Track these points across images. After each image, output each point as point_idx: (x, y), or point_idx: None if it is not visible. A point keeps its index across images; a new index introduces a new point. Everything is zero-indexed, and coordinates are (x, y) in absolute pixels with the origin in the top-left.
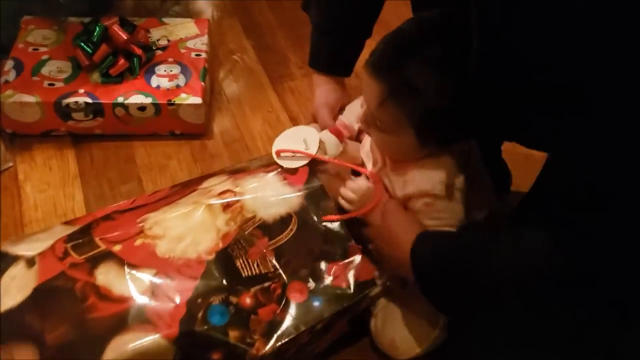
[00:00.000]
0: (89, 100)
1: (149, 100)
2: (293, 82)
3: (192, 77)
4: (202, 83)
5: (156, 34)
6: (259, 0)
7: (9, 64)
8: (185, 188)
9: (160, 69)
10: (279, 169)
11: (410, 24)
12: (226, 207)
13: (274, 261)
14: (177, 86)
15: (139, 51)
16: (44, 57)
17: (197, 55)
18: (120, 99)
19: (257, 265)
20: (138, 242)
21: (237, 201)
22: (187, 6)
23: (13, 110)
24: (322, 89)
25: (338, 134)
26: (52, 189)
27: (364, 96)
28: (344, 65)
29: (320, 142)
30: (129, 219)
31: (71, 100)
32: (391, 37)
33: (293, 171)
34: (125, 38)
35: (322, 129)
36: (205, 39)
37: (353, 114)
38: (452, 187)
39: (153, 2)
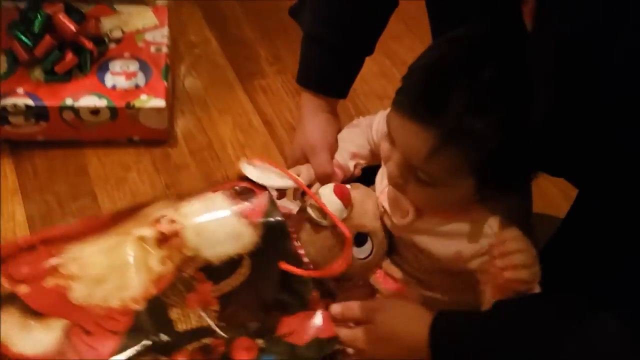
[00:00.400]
0: (31, 103)
1: (103, 102)
2: (264, 80)
3: (152, 75)
4: (165, 83)
5: (108, 24)
6: None
7: None
8: (121, 217)
9: (116, 66)
10: (231, 192)
11: (452, 48)
12: (162, 241)
13: (218, 311)
14: (137, 86)
15: (89, 45)
16: None
17: (157, 50)
18: (68, 101)
19: (197, 316)
20: (49, 282)
21: (176, 233)
22: None
23: None
24: (316, 121)
25: (344, 196)
26: None
27: (401, 146)
28: (340, 83)
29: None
30: (47, 253)
31: (8, 102)
32: (429, 67)
33: (248, 195)
34: (74, 29)
35: (320, 179)
36: (165, 30)
37: (346, 147)
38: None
39: None
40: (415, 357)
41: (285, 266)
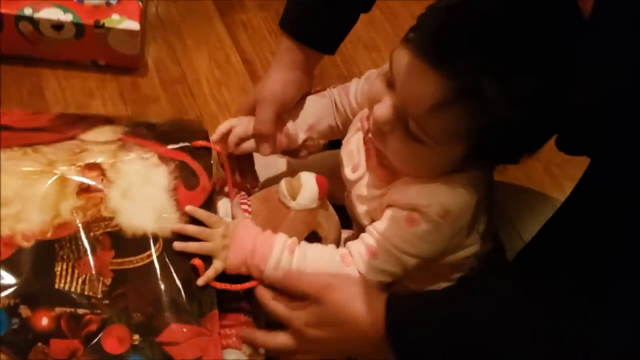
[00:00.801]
0: None
1: (68, 17)
2: (245, 14)
3: None
4: (140, 3)
5: None
6: None
7: None
8: (67, 127)
9: None
10: (177, 167)
11: None
12: (84, 190)
13: (108, 286)
14: (108, 4)
15: None
16: None
17: None
18: (27, 11)
19: (83, 281)
20: None
21: (101, 189)
22: None
23: None
24: (284, 75)
25: (322, 187)
26: None
27: (405, 90)
28: (332, 38)
29: (292, 182)
30: None
31: None
32: (460, 9)
33: (191, 183)
34: None
35: (254, 136)
36: None
37: (304, 118)
38: (452, 216)
39: None
40: (366, 345)
41: (195, 261)
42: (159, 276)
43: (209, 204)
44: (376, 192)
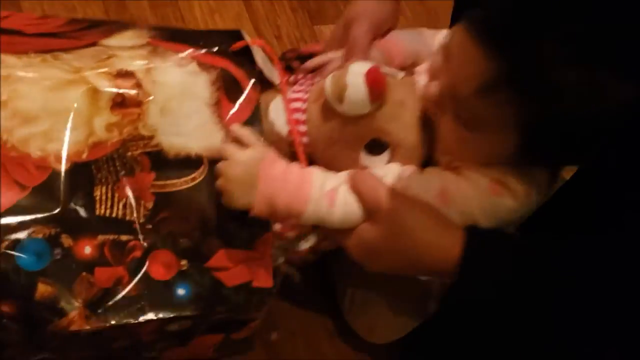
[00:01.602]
0: None
1: None
2: None
3: None
4: None
5: None
6: None
7: None
8: (83, 32)
9: None
10: (219, 76)
11: None
12: (119, 105)
13: (150, 210)
14: None
15: None
16: None
17: None
18: None
19: (124, 206)
20: None
21: (139, 103)
22: None
23: None
24: None
25: (375, 85)
26: None
27: (451, 68)
28: None
29: (339, 79)
30: None
31: None
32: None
33: (235, 93)
34: None
35: (347, 53)
36: None
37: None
38: (530, 201)
39: None
40: (433, 268)
41: None
42: (205, 200)
43: (255, 118)
44: None
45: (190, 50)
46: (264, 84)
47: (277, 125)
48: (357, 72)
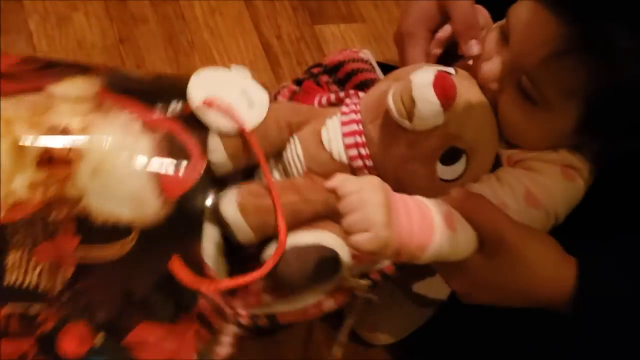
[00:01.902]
0: None
1: None
2: None
3: None
4: None
5: None
6: None
7: None
8: (34, 74)
9: None
10: (164, 138)
11: None
12: (46, 162)
13: (69, 278)
14: None
15: None
16: None
17: None
18: None
19: (39, 273)
20: None
21: (68, 161)
22: None
23: None
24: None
25: (446, 94)
26: None
27: (515, 42)
28: None
29: (403, 95)
30: None
31: None
32: None
33: (182, 157)
34: None
35: (463, 31)
36: None
37: None
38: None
39: None
40: (546, 301)
41: (174, 265)
42: (131, 270)
43: (201, 189)
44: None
45: (139, 109)
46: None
47: (335, 153)
48: (423, 84)
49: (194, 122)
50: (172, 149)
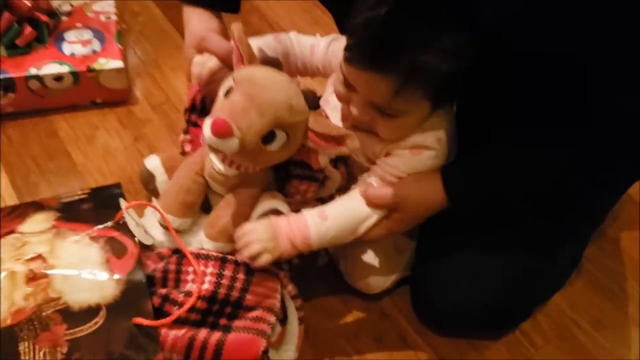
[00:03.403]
0: None
1: (65, 68)
2: None
3: (106, 40)
4: (119, 45)
5: (56, 1)
6: None
7: None
8: (4, 221)
9: (71, 36)
10: (106, 242)
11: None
12: (31, 279)
13: (65, 353)
14: (94, 51)
15: (44, 18)
16: None
17: (107, 18)
18: (32, 71)
19: (44, 354)
20: None
21: (46, 275)
22: None
23: None
24: (196, 18)
25: (217, 128)
26: None
27: (364, 93)
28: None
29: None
30: None
31: None
32: (374, 22)
33: (120, 252)
34: (29, 5)
35: (223, 60)
36: (111, 2)
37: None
38: (443, 142)
39: None
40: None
41: (137, 320)
42: (107, 336)
43: (138, 266)
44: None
45: (85, 229)
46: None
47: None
48: (206, 133)
49: (122, 226)
50: (114, 246)
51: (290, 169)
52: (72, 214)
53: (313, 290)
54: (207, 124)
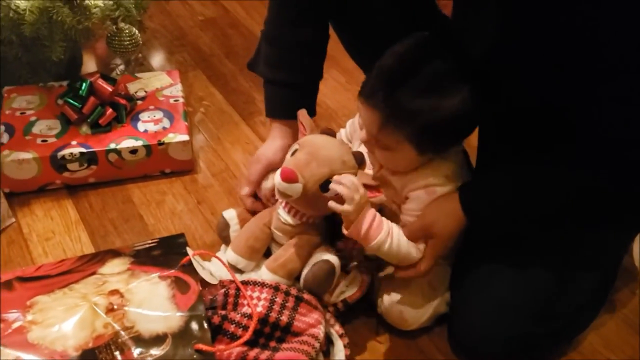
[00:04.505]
0: (83, 150)
1: (139, 143)
2: (262, 116)
3: (175, 119)
4: (186, 123)
5: (133, 87)
6: (217, 53)
7: (0, 129)
8: (87, 265)
9: (144, 116)
10: (173, 281)
11: (393, 55)
12: (110, 310)
13: None
14: (164, 128)
15: (123, 101)
16: (32, 118)
17: (175, 100)
18: (112, 145)
19: None
20: (15, 324)
21: (122, 308)
22: (148, 66)
23: (11, 169)
24: (275, 143)
25: (285, 175)
26: (57, 235)
27: (363, 122)
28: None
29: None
30: (22, 294)
31: (66, 152)
32: (378, 69)
33: (184, 289)
34: (110, 90)
35: (249, 184)
36: (179, 86)
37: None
38: (452, 178)
39: (117, 66)
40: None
41: (198, 346)
42: None
43: (199, 301)
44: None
45: (155, 270)
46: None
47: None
48: (277, 180)
49: (188, 268)
50: (179, 284)
51: (341, 228)
52: (143, 258)
53: (352, 326)
54: (277, 174)
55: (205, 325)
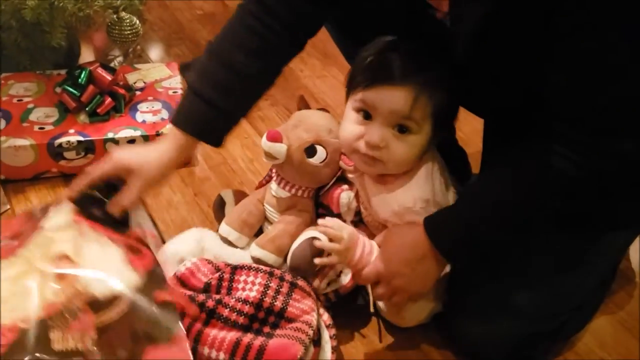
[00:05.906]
0: (81, 138)
1: (137, 133)
2: (261, 111)
3: (173, 110)
4: None
5: (132, 78)
6: None
7: None
8: (34, 221)
9: (143, 107)
10: (128, 244)
11: (392, 41)
12: (60, 278)
13: (94, 339)
14: (162, 119)
15: (122, 91)
16: (30, 105)
17: (174, 92)
18: (110, 134)
19: (75, 340)
20: None
21: (72, 273)
22: (146, 58)
23: (7, 155)
24: (168, 145)
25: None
26: None
27: (388, 108)
28: (221, 135)
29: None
30: None
31: (63, 139)
32: (387, 50)
33: (137, 252)
34: (110, 79)
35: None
36: (178, 78)
37: None
38: (429, 201)
39: (116, 57)
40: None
41: (159, 294)
42: (132, 319)
43: (156, 264)
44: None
45: (104, 231)
46: None
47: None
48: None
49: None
50: (131, 248)
51: (318, 211)
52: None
53: (350, 322)
54: (264, 136)
55: (166, 283)
